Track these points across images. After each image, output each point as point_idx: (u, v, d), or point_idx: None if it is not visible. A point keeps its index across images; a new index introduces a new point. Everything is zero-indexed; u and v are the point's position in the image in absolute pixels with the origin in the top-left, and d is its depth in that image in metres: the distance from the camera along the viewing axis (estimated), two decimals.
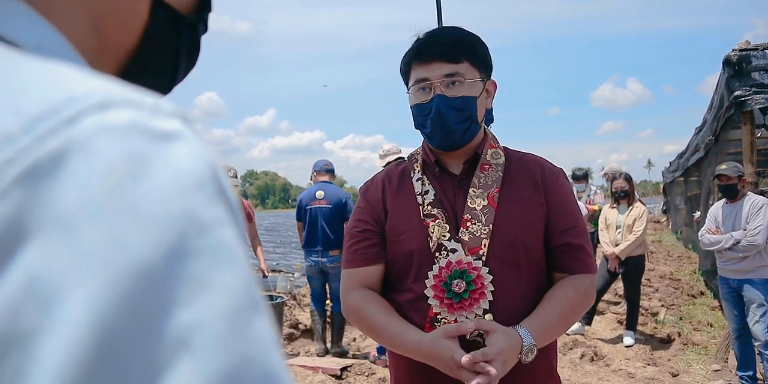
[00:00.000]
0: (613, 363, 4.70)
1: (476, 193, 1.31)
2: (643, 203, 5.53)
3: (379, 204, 1.37)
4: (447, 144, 1.32)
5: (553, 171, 1.39)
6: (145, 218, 0.22)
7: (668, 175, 16.84)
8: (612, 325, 5.97)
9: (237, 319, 0.22)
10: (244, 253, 0.25)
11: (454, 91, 1.27)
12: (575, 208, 1.39)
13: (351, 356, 5.06)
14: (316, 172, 5.15)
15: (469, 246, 1.27)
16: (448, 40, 1.29)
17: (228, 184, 0.26)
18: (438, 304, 1.26)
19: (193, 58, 0.47)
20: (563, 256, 1.33)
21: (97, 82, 0.26)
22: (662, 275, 8.72)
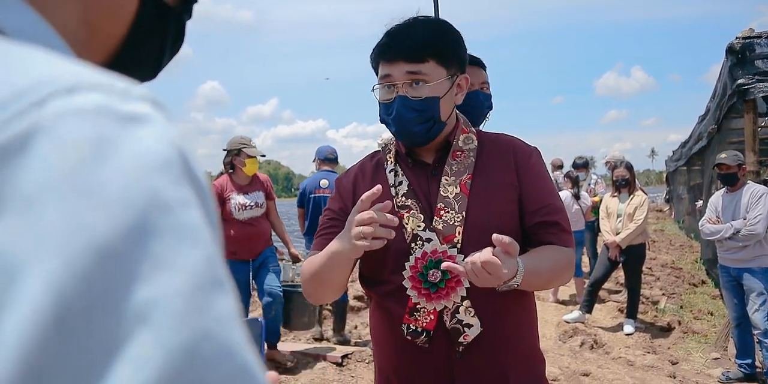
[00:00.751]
0: (612, 351, 4.72)
1: (449, 181, 1.30)
2: (645, 192, 5.52)
3: (349, 195, 1.38)
4: (410, 143, 1.33)
5: (526, 150, 1.37)
6: (107, 198, 0.23)
7: (671, 164, 16.77)
8: (612, 314, 5.99)
9: (197, 296, 0.23)
10: (210, 233, 0.26)
11: (416, 92, 1.26)
12: (548, 186, 1.37)
13: (353, 344, 5.10)
14: (319, 160, 5.10)
15: (444, 234, 1.27)
16: (413, 38, 1.26)
17: (198, 167, 0.27)
18: (416, 294, 1.26)
19: (177, 45, 0.48)
20: (539, 232, 1.31)
21: (68, 67, 0.26)
22: (664, 264, 8.72)
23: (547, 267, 1.26)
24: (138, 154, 0.24)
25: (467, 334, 1.25)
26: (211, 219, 0.27)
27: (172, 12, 0.44)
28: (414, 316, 1.27)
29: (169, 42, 0.46)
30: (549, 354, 4.62)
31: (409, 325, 1.28)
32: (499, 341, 1.28)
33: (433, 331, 1.27)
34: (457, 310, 1.26)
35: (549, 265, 1.27)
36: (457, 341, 1.26)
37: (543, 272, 1.25)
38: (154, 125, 0.25)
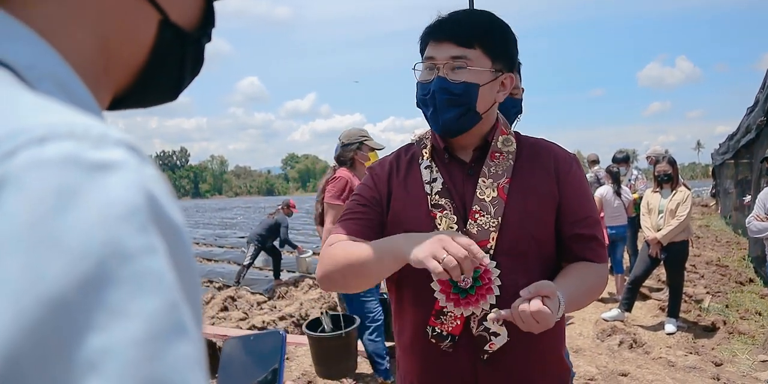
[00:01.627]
0: (653, 351, 4.60)
1: (486, 184, 1.27)
2: (688, 187, 5.34)
3: (383, 185, 1.34)
4: (441, 128, 1.28)
5: (566, 158, 1.34)
6: (64, 249, 0.23)
7: (718, 157, 16.24)
8: (653, 312, 5.84)
9: (153, 344, 0.24)
10: (175, 278, 0.26)
11: (456, 76, 1.22)
12: (588, 197, 1.35)
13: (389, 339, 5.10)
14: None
15: (477, 239, 1.23)
16: (464, 21, 1.24)
17: (171, 210, 0.27)
18: (444, 298, 1.24)
19: (197, 68, 0.49)
20: (574, 246, 1.30)
21: (48, 114, 0.27)
22: (709, 261, 8.46)
23: (583, 292, 1.25)
24: (102, 203, 0.25)
25: (493, 343, 1.23)
26: (184, 260, 0.28)
27: (190, 37, 0.45)
28: (440, 320, 1.25)
29: (189, 66, 0.47)
30: (586, 353, 4.54)
31: (434, 328, 1.26)
32: (526, 351, 1.26)
33: (459, 337, 1.25)
34: (484, 318, 1.23)
35: (585, 289, 1.26)
36: (483, 349, 1.24)
37: (580, 299, 1.25)
38: (124, 172, 0.26)
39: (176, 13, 0.43)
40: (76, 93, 0.35)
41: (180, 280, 0.27)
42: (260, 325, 5.98)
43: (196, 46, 0.47)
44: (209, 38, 0.50)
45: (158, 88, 0.46)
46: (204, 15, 0.47)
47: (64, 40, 0.36)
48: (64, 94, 0.33)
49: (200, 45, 0.48)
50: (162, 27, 0.43)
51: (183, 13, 0.44)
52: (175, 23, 0.43)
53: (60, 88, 0.33)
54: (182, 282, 0.27)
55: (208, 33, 0.49)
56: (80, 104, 0.34)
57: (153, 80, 0.45)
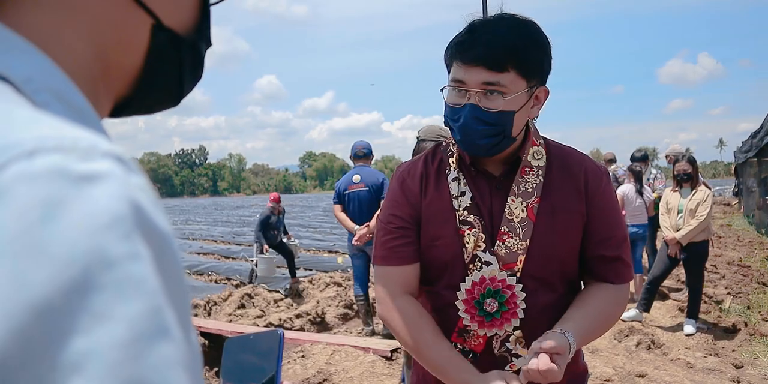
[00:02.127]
0: (671, 352, 4.55)
1: (515, 203, 1.24)
2: (708, 187, 5.26)
3: (416, 200, 1.30)
4: (472, 154, 1.26)
5: (597, 173, 1.30)
6: (49, 257, 0.24)
7: (740, 155, 15.95)
8: (672, 313, 5.77)
9: (135, 346, 0.25)
10: (160, 284, 0.27)
11: (490, 103, 1.16)
12: (616, 215, 1.33)
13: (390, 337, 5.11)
14: (352, 157, 5.26)
15: (505, 261, 1.22)
16: (495, 43, 1.14)
17: (158, 218, 0.29)
18: (469, 318, 1.24)
19: (197, 72, 0.50)
20: (598, 266, 1.30)
21: (39, 129, 0.28)
22: (730, 261, 8.32)
23: (597, 325, 1.26)
24: (87, 212, 0.26)
25: (514, 364, 1.23)
26: (171, 267, 0.29)
27: (186, 41, 0.46)
28: (463, 337, 1.26)
29: (187, 70, 0.48)
30: (603, 353, 4.50)
31: (456, 344, 1.26)
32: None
33: (480, 354, 1.25)
34: (507, 339, 1.24)
35: (599, 322, 1.27)
36: (503, 369, 1.23)
37: (594, 333, 1.27)
38: (110, 182, 0.27)
39: (169, 17, 0.44)
40: (75, 103, 0.35)
41: (166, 285, 0.28)
42: (277, 323, 6.02)
43: (193, 49, 0.47)
44: (209, 42, 0.50)
45: (159, 93, 0.47)
46: (199, 19, 0.47)
47: (60, 49, 0.37)
48: (63, 105, 0.34)
49: (198, 49, 0.48)
50: (155, 32, 0.43)
51: (176, 17, 0.44)
52: (168, 27, 0.44)
53: (58, 99, 0.34)
54: (168, 287, 0.28)
55: (206, 37, 0.49)
56: (79, 114, 0.35)
57: (152, 85, 0.45)
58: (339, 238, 13.73)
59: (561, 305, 1.26)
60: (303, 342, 4.94)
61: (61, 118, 0.31)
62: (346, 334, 5.58)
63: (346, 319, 6.55)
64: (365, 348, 4.55)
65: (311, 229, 18.06)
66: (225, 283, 8.54)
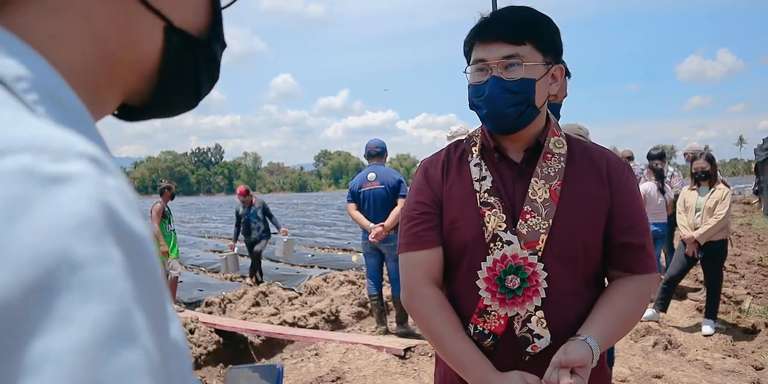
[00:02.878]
0: (688, 352, 4.48)
1: (538, 185, 1.26)
2: (727, 185, 5.18)
3: (438, 186, 1.33)
4: (499, 127, 1.28)
5: (619, 164, 1.32)
6: (12, 257, 0.24)
7: (761, 152, 15.70)
8: (690, 313, 5.68)
9: (95, 351, 0.24)
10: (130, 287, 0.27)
11: (511, 74, 1.22)
12: (639, 205, 1.34)
13: (417, 336, 5.10)
14: (365, 156, 5.26)
15: (526, 240, 1.23)
16: (511, 19, 1.24)
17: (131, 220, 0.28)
18: (490, 297, 1.24)
19: (213, 73, 0.50)
20: (622, 255, 1.29)
21: (13, 129, 0.28)
22: (750, 261, 8.19)
23: (621, 325, 1.27)
24: (53, 214, 0.25)
25: (536, 345, 1.23)
26: (146, 269, 0.28)
27: (199, 42, 0.46)
28: (483, 318, 1.25)
29: (204, 71, 0.48)
30: (619, 353, 4.45)
31: (476, 326, 1.26)
32: None
33: (501, 336, 1.25)
34: (528, 319, 1.23)
35: (623, 322, 1.27)
36: (525, 350, 1.23)
37: (618, 333, 1.27)
38: (81, 184, 0.27)
39: (180, 18, 0.43)
40: (67, 103, 0.35)
41: (139, 289, 0.27)
42: (291, 321, 6.05)
43: (208, 50, 0.47)
44: (223, 43, 0.50)
45: (177, 94, 0.47)
46: (212, 20, 0.47)
47: (60, 51, 0.37)
48: (54, 104, 0.34)
49: (213, 49, 0.48)
50: (168, 33, 0.43)
51: (188, 18, 0.44)
52: (180, 29, 0.44)
53: (50, 99, 0.34)
54: (141, 291, 0.28)
55: (220, 37, 0.49)
56: (71, 114, 0.35)
57: (170, 87, 0.45)
58: (353, 237, 13.75)
59: (584, 291, 1.27)
60: (316, 340, 4.95)
61: (46, 119, 0.31)
62: (360, 332, 5.58)
63: (360, 318, 6.56)
64: (379, 346, 4.54)
65: (326, 228, 18.11)
66: (240, 281, 8.59)
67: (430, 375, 4.06)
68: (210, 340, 5.61)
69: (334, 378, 3.99)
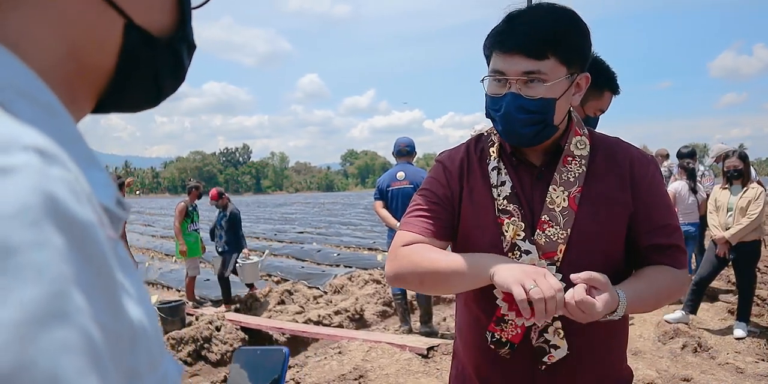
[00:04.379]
0: (719, 356, 4.37)
1: (556, 192, 1.22)
2: (762, 184, 5.04)
3: (456, 185, 1.30)
4: (515, 144, 1.24)
5: (643, 162, 1.27)
6: None
7: None
8: (721, 315, 5.55)
9: (25, 329, 0.26)
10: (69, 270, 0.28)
11: (531, 91, 1.15)
12: (666, 203, 1.28)
13: (439, 336, 5.09)
14: (394, 154, 5.23)
15: (544, 250, 1.20)
16: (534, 30, 1.13)
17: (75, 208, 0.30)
18: (506, 306, 1.22)
19: (177, 73, 0.50)
20: (654, 255, 1.25)
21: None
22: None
23: (653, 292, 1.20)
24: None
25: (552, 355, 1.21)
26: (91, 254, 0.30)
27: (160, 42, 0.46)
28: (500, 326, 1.24)
29: (166, 71, 0.48)
30: (646, 355, 4.37)
31: (493, 334, 1.25)
32: (586, 366, 1.24)
33: (518, 345, 1.24)
34: (545, 330, 1.21)
35: (655, 290, 1.21)
36: (541, 360, 1.22)
37: (649, 299, 1.20)
38: (23, 175, 0.28)
39: (142, 17, 0.44)
40: (41, 99, 0.36)
41: (81, 271, 0.29)
42: (315, 319, 6.09)
43: (170, 50, 0.47)
44: (191, 44, 0.50)
45: (135, 92, 0.47)
46: (178, 20, 0.47)
47: (31, 48, 0.38)
48: (26, 101, 0.35)
49: (176, 49, 0.48)
50: (127, 31, 0.43)
51: (151, 17, 0.45)
52: (141, 27, 0.44)
53: (21, 95, 0.35)
54: (84, 273, 0.29)
55: (187, 38, 0.49)
56: (46, 110, 0.36)
57: (127, 84, 0.46)
58: (379, 236, 13.76)
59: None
60: (340, 338, 4.97)
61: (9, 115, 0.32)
62: (384, 331, 5.59)
63: (384, 317, 6.56)
64: (401, 345, 4.55)
65: (351, 227, 18.16)
66: (266, 280, 8.67)
67: None
68: (236, 337, 5.68)
69: (356, 376, 4.00)
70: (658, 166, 1.31)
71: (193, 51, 0.51)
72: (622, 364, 1.33)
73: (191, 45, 0.50)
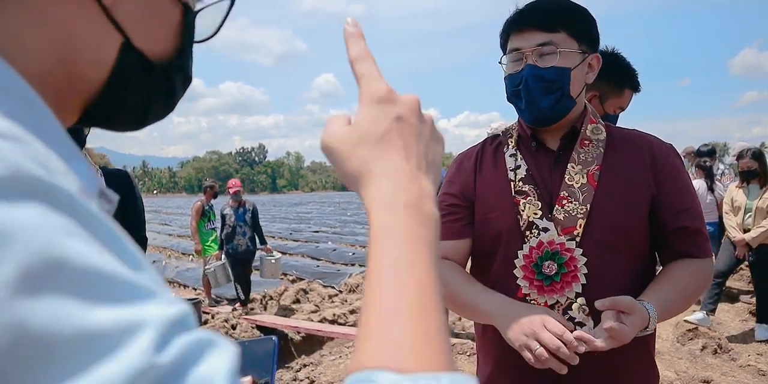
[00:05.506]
0: (740, 358, 4.30)
1: (575, 170, 1.24)
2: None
3: (470, 177, 1.34)
4: (535, 117, 1.26)
5: (662, 147, 1.28)
6: None
7: None
8: (742, 316, 5.46)
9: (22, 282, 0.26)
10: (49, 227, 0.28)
11: (546, 62, 1.21)
12: (688, 188, 1.28)
13: (454, 335, 5.07)
14: None
15: (563, 225, 1.20)
16: (545, 7, 1.24)
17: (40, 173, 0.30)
18: (527, 285, 1.22)
19: (167, 102, 0.49)
20: (678, 240, 1.24)
21: None
22: None
23: (680, 296, 1.20)
24: None
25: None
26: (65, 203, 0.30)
27: (156, 67, 0.46)
28: None
29: (157, 97, 0.48)
30: (665, 356, 4.31)
31: None
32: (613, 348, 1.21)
33: None
34: (569, 307, 1.20)
35: (682, 292, 1.20)
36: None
37: (677, 303, 1.19)
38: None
39: (142, 40, 0.44)
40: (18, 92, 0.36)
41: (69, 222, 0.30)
42: (331, 318, 6.10)
43: (164, 77, 0.47)
44: (186, 76, 0.49)
45: (122, 111, 0.47)
46: (179, 48, 0.47)
47: (19, 51, 0.38)
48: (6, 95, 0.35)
49: (170, 78, 0.48)
50: (124, 50, 0.43)
51: (151, 41, 0.45)
52: (138, 49, 0.44)
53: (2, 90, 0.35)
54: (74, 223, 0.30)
55: (183, 69, 0.48)
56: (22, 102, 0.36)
57: (115, 102, 0.45)
58: None
59: (626, 277, 1.22)
60: (355, 337, 4.97)
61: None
62: None
63: None
64: None
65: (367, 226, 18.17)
66: (281, 278, 8.71)
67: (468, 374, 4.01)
68: (251, 335, 5.71)
69: None
70: (677, 152, 1.31)
71: (188, 83, 0.50)
72: (651, 359, 1.30)
73: (187, 76, 0.50)
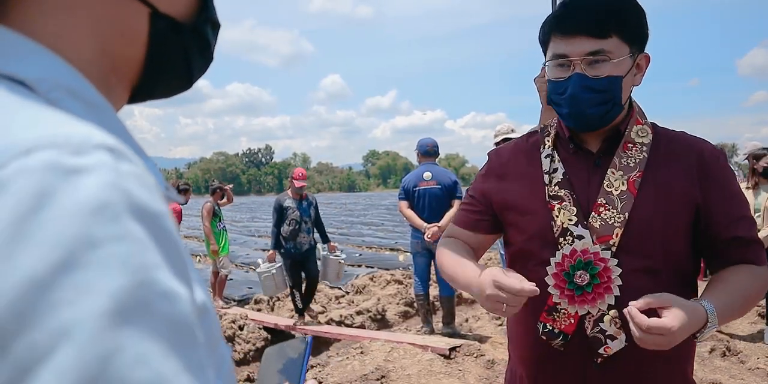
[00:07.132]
0: (749, 360, 4.28)
1: (615, 176, 1.17)
2: None
3: (495, 177, 1.33)
4: (581, 126, 1.21)
5: (713, 153, 1.20)
6: (39, 241, 0.28)
7: None
8: (751, 319, 5.42)
9: (116, 316, 0.28)
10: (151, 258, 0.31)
11: (596, 71, 1.13)
12: (740, 196, 1.21)
13: (462, 337, 5.06)
14: (420, 154, 5.17)
15: (599, 234, 1.16)
16: (596, 9, 1.13)
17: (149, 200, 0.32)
18: (558, 294, 1.18)
19: (205, 54, 0.51)
20: (734, 250, 1.18)
21: (37, 128, 0.32)
22: None
23: (741, 299, 1.13)
24: (74, 201, 0.29)
25: (609, 347, 1.15)
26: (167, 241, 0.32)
27: (186, 27, 0.47)
28: (552, 316, 1.20)
29: (194, 53, 0.49)
30: None
31: (545, 325, 1.21)
32: (646, 360, 1.16)
33: (571, 336, 1.18)
34: (601, 319, 1.16)
35: (744, 295, 1.14)
36: (597, 352, 1.16)
37: (737, 306, 1.13)
38: (98, 173, 0.31)
39: (166, 5, 0.45)
40: (87, 97, 0.38)
41: (164, 257, 0.32)
42: (337, 319, 6.11)
43: (196, 34, 0.48)
44: (215, 24, 0.51)
45: (168, 78, 0.49)
46: (200, 3, 0.48)
47: (68, 48, 0.40)
48: (75, 101, 0.37)
49: (202, 32, 0.49)
50: (153, 20, 0.45)
51: (174, 4, 0.46)
52: (165, 14, 0.45)
53: (71, 96, 0.37)
54: (168, 259, 0.32)
55: (211, 19, 0.50)
56: (91, 108, 0.38)
57: (159, 72, 0.47)
58: (401, 236, 13.75)
59: (664, 291, 1.09)
60: (362, 339, 4.98)
61: (67, 115, 0.34)
62: (406, 331, 5.58)
63: (406, 317, 6.56)
64: (423, 346, 4.54)
65: (373, 227, 18.19)
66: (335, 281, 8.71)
67: (474, 375, 4.02)
68: (258, 336, 5.73)
69: (378, 376, 4.00)
70: (726, 157, 1.25)
71: (218, 30, 0.52)
72: (688, 373, 1.24)
73: (215, 24, 0.51)
